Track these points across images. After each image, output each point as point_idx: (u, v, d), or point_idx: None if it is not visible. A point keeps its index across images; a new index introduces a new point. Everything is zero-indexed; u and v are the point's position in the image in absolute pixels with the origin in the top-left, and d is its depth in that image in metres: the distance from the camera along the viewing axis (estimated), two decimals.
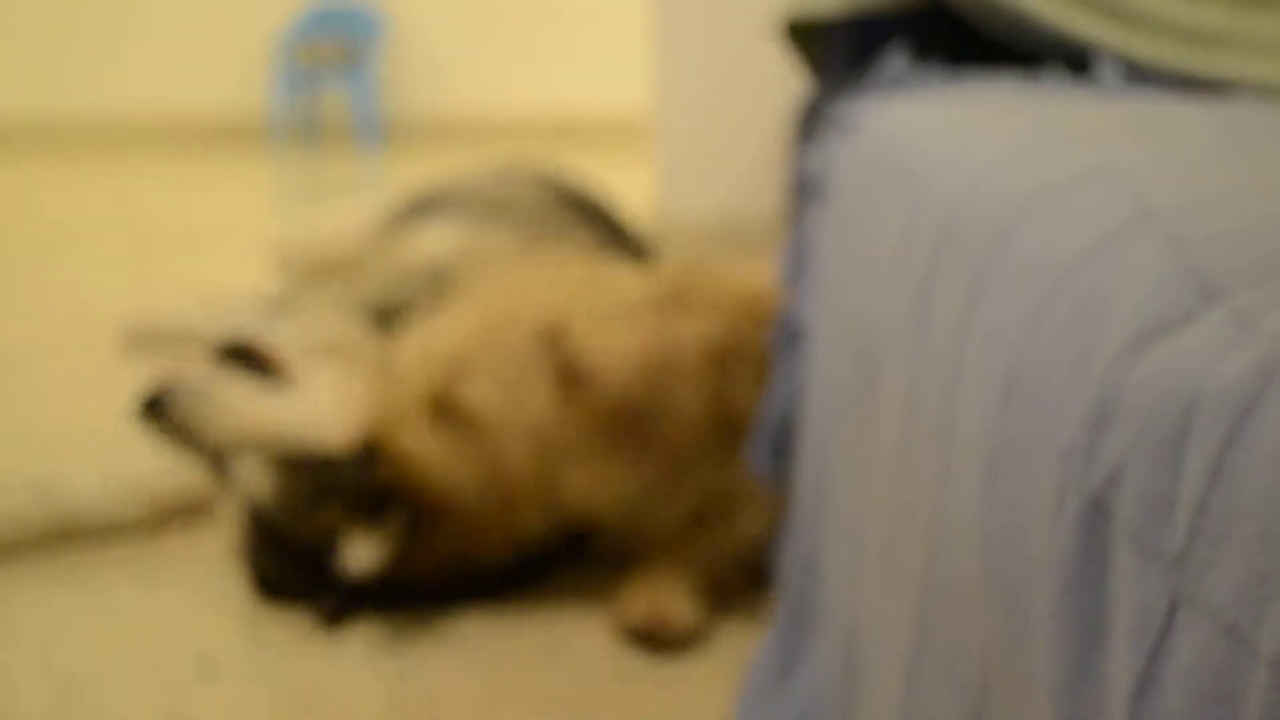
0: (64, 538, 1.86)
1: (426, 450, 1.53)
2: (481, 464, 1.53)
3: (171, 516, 1.93)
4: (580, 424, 1.52)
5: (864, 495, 0.98)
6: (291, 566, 1.64)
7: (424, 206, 2.24)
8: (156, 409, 1.74)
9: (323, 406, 1.67)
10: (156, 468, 1.93)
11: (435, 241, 2.09)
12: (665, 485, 1.60)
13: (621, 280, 1.67)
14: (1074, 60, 1.39)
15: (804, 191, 1.26)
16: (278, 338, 1.78)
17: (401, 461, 1.55)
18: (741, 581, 1.65)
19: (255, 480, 1.64)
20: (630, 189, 2.55)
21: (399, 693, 1.46)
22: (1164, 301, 0.51)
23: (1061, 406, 0.54)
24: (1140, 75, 1.31)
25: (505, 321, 1.56)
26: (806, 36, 1.89)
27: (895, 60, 1.25)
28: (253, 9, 8.14)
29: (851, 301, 1.05)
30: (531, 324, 1.54)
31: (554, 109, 7.99)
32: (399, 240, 2.17)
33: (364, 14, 8.08)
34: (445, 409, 1.54)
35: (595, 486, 1.54)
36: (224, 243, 4.45)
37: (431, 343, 1.58)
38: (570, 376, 1.51)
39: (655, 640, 1.54)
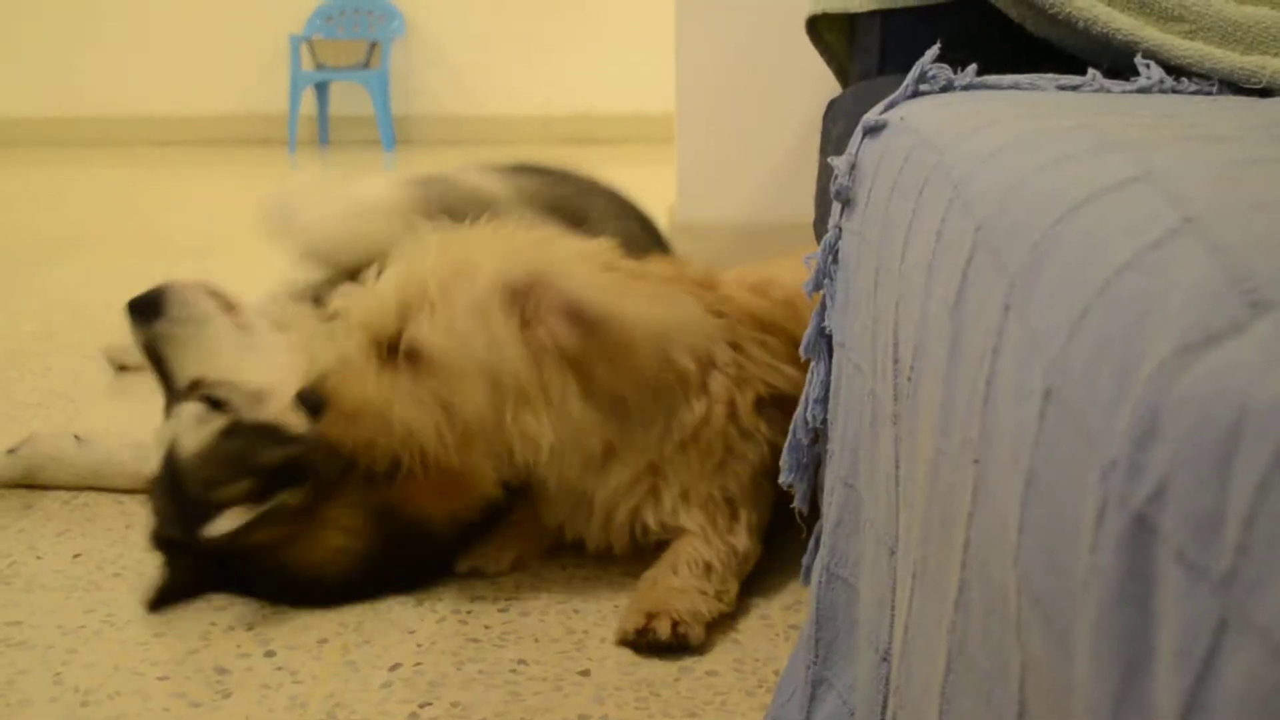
0: (95, 485, 2.08)
1: (379, 394, 1.54)
2: (435, 405, 1.53)
3: None
4: (534, 365, 1.53)
5: (898, 509, 0.96)
6: (178, 523, 1.68)
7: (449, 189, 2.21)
8: (146, 311, 1.83)
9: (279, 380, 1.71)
10: None
11: None
12: (620, 437, 1.65)
13: (591, 246, 1.70)
14: (1114, 58, 1.37)
15: (833, 195, 1.25)
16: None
17: (354, 407, 1.55)
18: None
19: (189, 429, 1.68)
20: (647, 192, 2.53)
21: (421, 714, 1.45)
22: (1210, 311, 0.49)
23: (1103, 420, 0.53)
24: (1183, 76, 1.29)
25: (462, 267, 1.56)
26: (834, 31, 1.88)
27: (927, 58, 1.23)
28: (268, 10, 8.16)
29: (883, 308, 1.03)
30: (489, 270, 1.55)
31: (569, 110, 8.01)
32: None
33: (382, 14, 8.10)
34: (400, 352, 1.54)
35: (547, 431, 1.55)
36: (238, 244, 4.46)
37: (385, 291, 1.57)
38: (525, 319, 1.53)
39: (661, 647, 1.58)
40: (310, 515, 1.67)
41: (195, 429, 1.68)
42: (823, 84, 2.09)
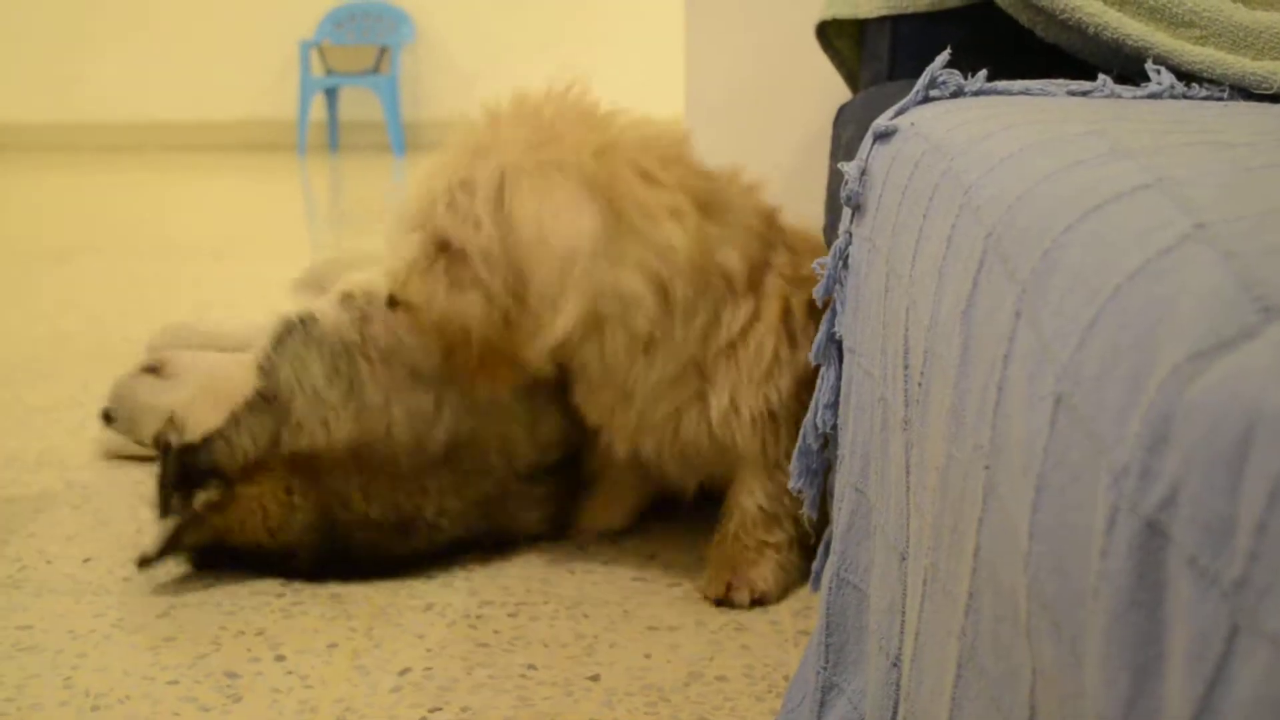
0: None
1: (426, 287, 1.62)
2: (472, 290, 1.59)
3: None
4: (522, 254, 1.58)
5: (908, 515, 0.96)
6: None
7: None
8: (109, 418, 2.07)
9: (186, 398, 1.86)
10: None
11: None
12: (661, 327, 1.65)
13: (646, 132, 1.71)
14: (1124, 63, 1.37)
15: (843, 201, 1.25)
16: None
17: (416, 303, 1.64)
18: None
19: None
20: None
21: (431, 719, 1.45)
22: (1221, 318, 0.49)
23: (1114, 426, 0.53)
24: (1194, 82, 1.29)
25: (480, 157, 1.60)
26: (844, 36, 1.88)
27: (937, 64, 1.23)
28: (278, 15, 8.17)
29: (893, 314, 1.03)
30: (495, 162, 1.59)
31: None
32: None
33: (393, 20, 8.10)
34: (439, 245, 1.61)
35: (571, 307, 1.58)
36: (248, 249, 4.47)
37: (425, 190, 1.64)
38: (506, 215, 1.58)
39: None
40: (235, 500, 1.76)
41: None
42: (832, 89, 2.10)
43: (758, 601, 1.73)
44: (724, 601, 1.73)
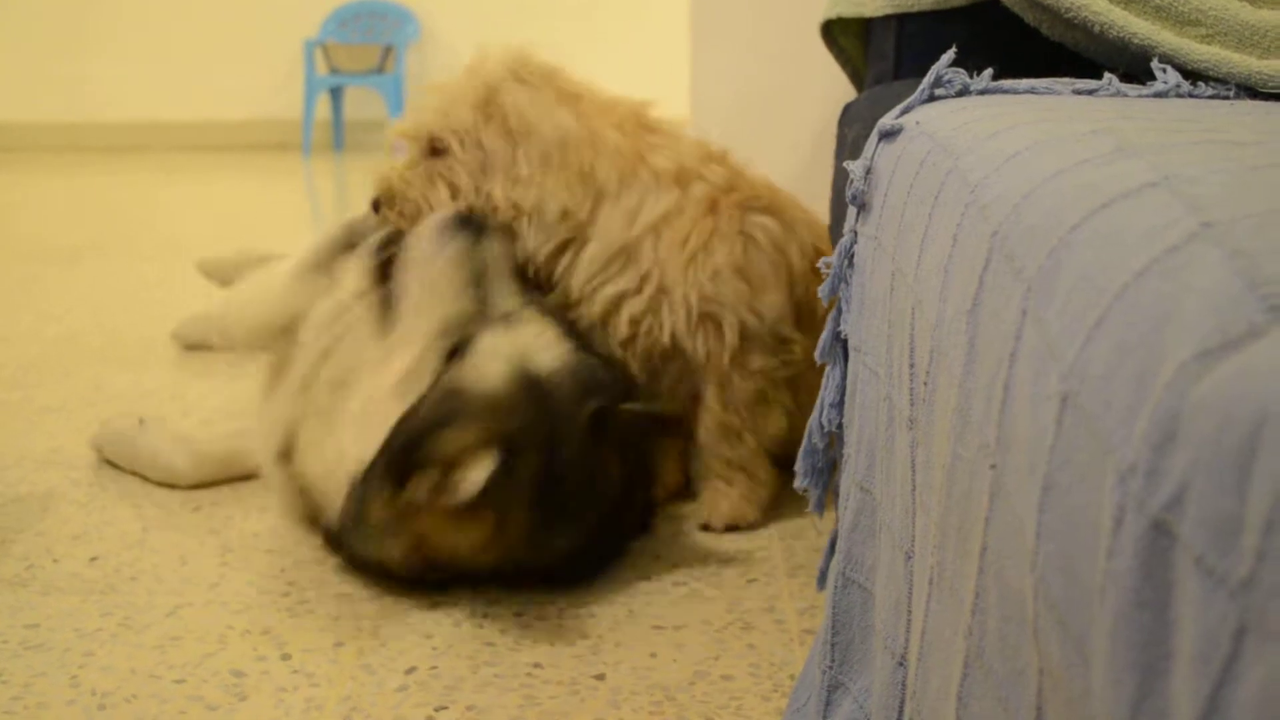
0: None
1: (408, 179, 1.93)
2: (440, 181, 1.91)
3: (215, 478, 2.15)
4: (501, 146, 1.91)
5: (914, 514, 0.96)
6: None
7: None
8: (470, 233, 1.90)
9: None
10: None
11: None
12: (588, 212, 1.94)
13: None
14: (1130, 62, 1.37)
15: (848, 200, 1.25)
16: None
17: (390, 199, 1.94)
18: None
19: (539, 346, 1.77)
20: None
21: (437, 717, 1.45)
22: (1228, 317, 0.49)
23: (1121, 425, 0.53)
24: (1200, 80, 1.29)
25: (469, 79, 1.95)
26: (849, 35, 1.88)
27: (943, 62, 1.23)
28: (283, 15, 8.17)
29: (899, 313, 1.03)
30: (479, 79, 1.93)
31: None
32: None
33: (397, 19, 8.10)
34: (430, 148, 1.93)
35: (516, 194, 1.91)
36: (256, 250, 4.47)
37: (422, 106, 1.96)
38: (493, 113, 1.91)
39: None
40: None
41: (544, 348, 1.74)
42: (837, 88, 2.09)
43: (732, 527, 1.96)
44: (706, 527, 1.96)
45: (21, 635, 1.62)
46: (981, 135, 0.95)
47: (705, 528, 1.96)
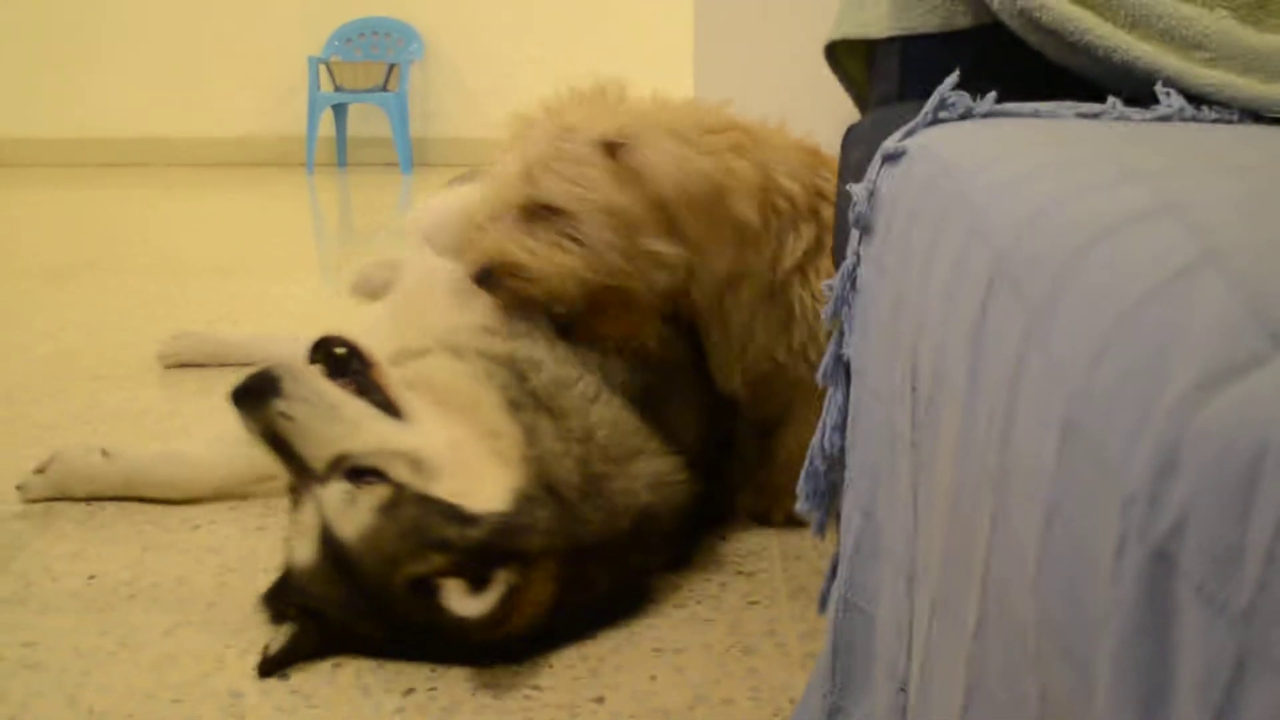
0: (126, 494, 2.12)
1: (529, 247, 1.77)
2: (571, 245, 1.77)
3: (223, 490, 2.13)
4: (644, 206, 1.77)
5: (916, 538, 0.96)
6: (356, 606, 1.58)
7: None
8: (252, 400, 1.61)
9: (460, 461, 1.62)
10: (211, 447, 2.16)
11: None
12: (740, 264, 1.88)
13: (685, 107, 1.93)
14: (1134, 85, 1.37)
15: (852, 222, 1.24)
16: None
17: (514, 269, 1.79)
18: None
19: (339, 512, 1.56)
20: None
21: None
22: (1231, 344, 0.49)
23: (1123, 452, 0.52)
24: (1204, 105, 1.29)
25: (563, 131, 1.79)
26: (853, 57, 1.88)
27: (946, 85, 1.23)
28: (287, 32, 8.19)
29: (902, 337, 1.03)
30: (589, 132, 1.78)
31: None
32: None
33: (401, 37, 8.12)
34: (531, 212, 1.78)
35: (678, 258, 1.81)
36: (256, 266, 4.48)
37: (510, 164, 1.82)
38: (626, 173, 1.76)
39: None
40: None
41: (346, 510, 1.56)
42: (841, 110, 2.09)
43: (790, 520, 1.98)
44: (761, 518, 2.03)
45: (19, 654, 1.61)
46: (985, 159, 0.95)
47: (761, 518, 2.05)
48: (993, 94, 1.23)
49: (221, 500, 2.13)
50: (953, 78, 1.23)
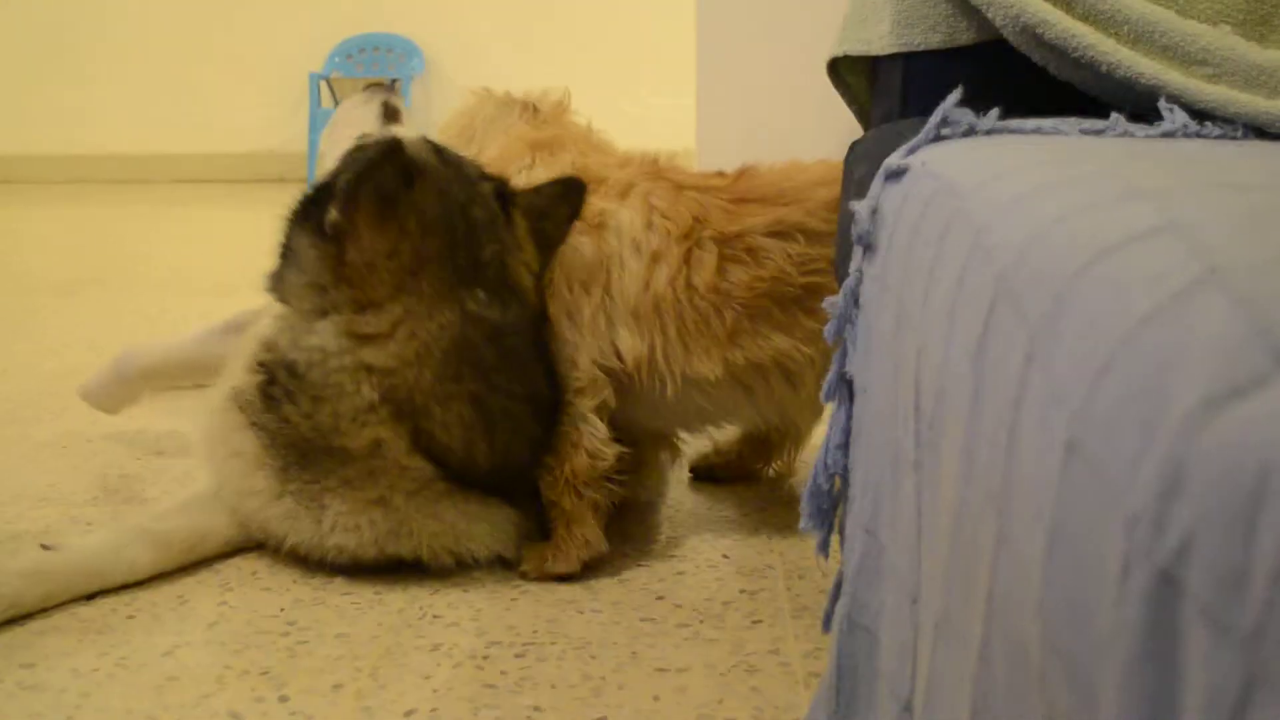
0: (84, 592, 1.84)
1: None
2: None
3: (186, 561, 1.95)
4: None
5: (920, 557, 0.95)
6: None
7: None
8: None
9: None
10: (170, 512, 1.98)
11: None
12: None
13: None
14: (1137, 101, 1.37)
15: (854, 240, 1.24)
16: None
17: None
18: None
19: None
20: None
21: None
22: (1235, 364, 0.49)
23: (1127, 473, 0.52)
24: (1208, 121, 1.29)
25: None
26: (855, 73, 1.88)
27: (949, 102, 1.23)
28: (288, 48, 8.21)
29: (904, 355, 1.03)
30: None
31: None
32: None
33: (402, 52, 8.13)
34: None
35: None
36: (256, 284, 4.47)
37: None
38: None
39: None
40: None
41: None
42: (844, 126, 2.09)
43: None
44: None
45: (18, 675, 1.61)
46: (988, 176, 0.95)
47: None
48: (995, 111, 1.23)
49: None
50: (955, 94, 1.23)
